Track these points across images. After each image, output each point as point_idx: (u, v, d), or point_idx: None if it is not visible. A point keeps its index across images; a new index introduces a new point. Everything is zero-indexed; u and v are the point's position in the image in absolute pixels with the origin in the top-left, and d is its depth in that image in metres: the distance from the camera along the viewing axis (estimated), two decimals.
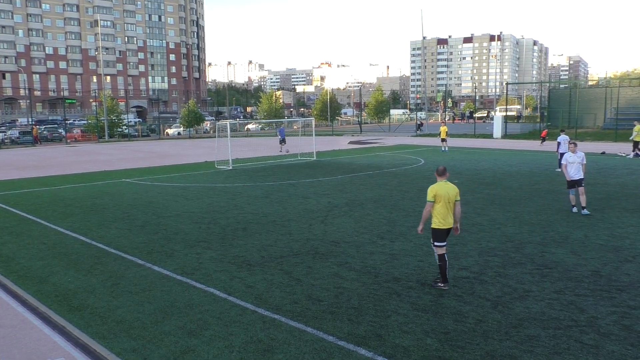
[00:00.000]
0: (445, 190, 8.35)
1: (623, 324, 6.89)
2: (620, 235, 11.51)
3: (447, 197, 8.31)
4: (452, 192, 8.40)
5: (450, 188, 8.42)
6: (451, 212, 8.39)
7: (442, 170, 8.59)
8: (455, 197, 8.42)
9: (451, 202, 8.36)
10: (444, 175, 8.54)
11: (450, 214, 8.37)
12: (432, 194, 8.33)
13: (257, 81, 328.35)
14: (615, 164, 25.00)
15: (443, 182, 8.47)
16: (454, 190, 8.45)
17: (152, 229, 13.05)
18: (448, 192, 8.35)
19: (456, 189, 8.48)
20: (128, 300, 8.18)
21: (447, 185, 8.46)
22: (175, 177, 23.70)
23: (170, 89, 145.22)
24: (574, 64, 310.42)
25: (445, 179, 8.54)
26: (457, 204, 8.43)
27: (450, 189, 8.41)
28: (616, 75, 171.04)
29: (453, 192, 8.40)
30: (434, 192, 8.33)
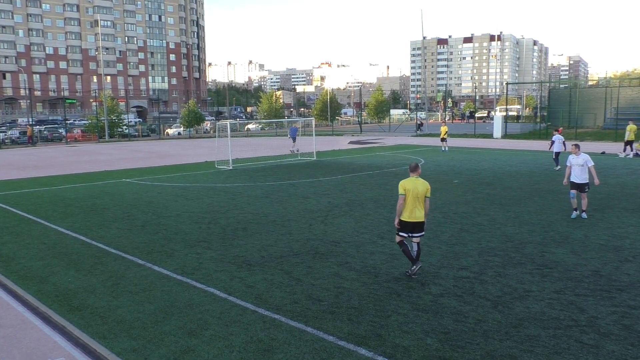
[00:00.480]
0: (414, 185, 8.77)
1: (623, 324, 6.89)
2: (621, 235, 11.51)
3: (416, 192, 8.73)
4: (422, 187, 8.79)
5: (419, 184, 8.81)
6: (420, 207, 8.79)
7: (414, 167, 9.02)
8: (425, 193, 8.82)
9: (420, 198, 8.76)
10: (415, 172, 8.95)
11: (418, 208, 8.77)
12: (402, 188, 8.80)
13: (257, 81, 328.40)
14: (615, 164, 25.00)
15: (414, 178, 8.91)
16: (424, 186, 8.82)
17: (153, 229, 13.05)
18: (417, 187, 8.75)
19: (427, 186, 8.87)
20: (128, 300, 8.18)
21: (418, 181, 8.85)
22: (176, 177, 23.71)
23: (170, 89, 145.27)
24: (574, 63, 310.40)
25: (416, 175, 8.95)
26: (426, 200, 8.86)
27: (419, 184, 8.81)
28: (616, 75, 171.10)
29: (423, 188, 8.79)
30: (404, 186, 8.79)
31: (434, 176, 21.69)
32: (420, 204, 8.77)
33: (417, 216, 8.78)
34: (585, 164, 13.06)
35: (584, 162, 13.08)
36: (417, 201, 8.74)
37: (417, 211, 8.76)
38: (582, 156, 13.15)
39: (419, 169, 9.01)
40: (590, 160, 13.07)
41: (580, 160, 13.14)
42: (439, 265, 9.57)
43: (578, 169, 13.15)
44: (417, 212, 8.77)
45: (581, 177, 13.14)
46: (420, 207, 8.79)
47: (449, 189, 18.21)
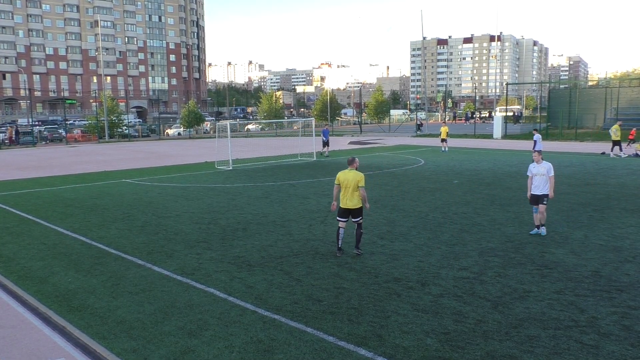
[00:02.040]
0: (345, 177, 10.03)
1: (623, 324, 6.89)
2: (620, 235, 11.51)
3: (347, 183, 9.96)
4: (353, 179, 9.94)
5: (351, 175, 9.99)
6: (353, 196, 9.97)
7: (350, 161, 10.31)
8: (358, 183, 9.93)
9: (349, 188, 9.93)
10: (351, 165, 10.22)
11: (351, 197, 9.97)
12: (337, 179, 10.17)
13: (257, 81, 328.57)
14: (615, 164, 24.99)
15: (347, 170, 10.13)
16: (356, 177, 9.95)
17: (152, 230, 13.05)
18: (348, 178, 9.98)
19: (359, 176, 9.97)
20: (128, 300, 8.18)
21: (351, 173, 10.05)
22: (176, 177, 23.70)
23: (170, 89, 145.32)
24: (573, 64, 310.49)
25: (352, 168, 10.18)
26: (361, 190, 9.96)
27: (351, 176, 9.98)
28: (616, 75, 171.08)
29: (354, 179, 9.94)
30: (338, 177, 10.16)
31: (433, 176, 21.68)
32: (353, 193, 9.97)
33: (349, 204, 10.03)
34: (547, 173, 11.58)
35: (546, 171, 11.59)
36: (348, 191, 9.97)
37: (350, 200, 10.00)
38: (543, 164, 11.69)
39: (355, 162, 10.31)
40: (551, 170, 11.64)
41: (542, 169, 11.64)
42: (439, 265, 9.57)
43: (538, 179, 11.67)
44: (350, 200, 10.01)
45: (540, 188, 11.66)
46: (354, 196, 9.99)
47: (449, 189, 18.21)
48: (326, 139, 32.99)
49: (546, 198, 11.56)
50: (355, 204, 10.05)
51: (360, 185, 9.95)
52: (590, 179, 20.31)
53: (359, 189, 9.97)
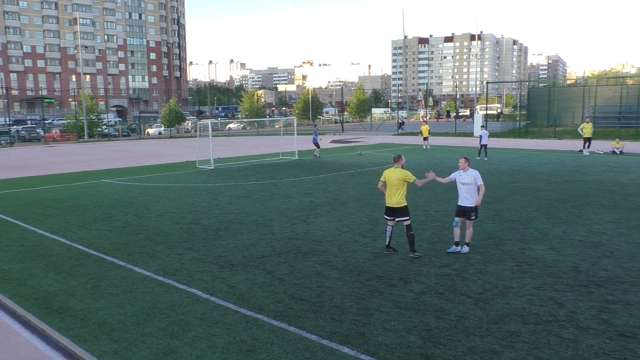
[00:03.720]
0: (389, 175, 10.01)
1: (601, 319, 7.01)
2: (598, 231, 11.70)
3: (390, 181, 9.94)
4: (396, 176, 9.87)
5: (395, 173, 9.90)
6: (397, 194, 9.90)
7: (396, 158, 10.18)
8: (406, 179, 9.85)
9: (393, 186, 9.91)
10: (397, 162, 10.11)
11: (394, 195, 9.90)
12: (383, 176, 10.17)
13: (239, 80, 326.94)
14: (593, 162, 25.39)
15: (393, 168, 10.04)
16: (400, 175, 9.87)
17: (133, 230, 12.92)
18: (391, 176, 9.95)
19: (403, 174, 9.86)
20: (109, 302, 8.10)
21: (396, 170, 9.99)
22: (157, 177, 23.50)
23: (150, 88, 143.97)
24: (552, 63, 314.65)
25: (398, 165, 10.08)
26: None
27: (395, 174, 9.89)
28: (594, 74, 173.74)
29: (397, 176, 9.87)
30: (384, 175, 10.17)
31: (415, 174, 21.77)
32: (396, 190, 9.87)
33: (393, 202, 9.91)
34: (475, 181, 10.11)
35: (474, 179, 10.11)
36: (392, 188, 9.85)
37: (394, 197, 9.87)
38: (470, 172, 10.18)
39: (400, 160, 10.18)
40: (479, 178, 10.12)
41: (468, 177, 10.15)
42: (420, 263, 9.63)
43: (466, 189, 10.18)
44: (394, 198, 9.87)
45: (470, 199, 10.16)
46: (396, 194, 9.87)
47: (430, 187, 18.30)
48: (315, 140, 31.86)
49: (474, 212, 10.15)
50: (399, 202, 9.85)
51: (409, 181, 9.86)
52: (568, 176, 20.61)
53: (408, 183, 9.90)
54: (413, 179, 9.85)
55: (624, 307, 7.37)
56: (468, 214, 10.17)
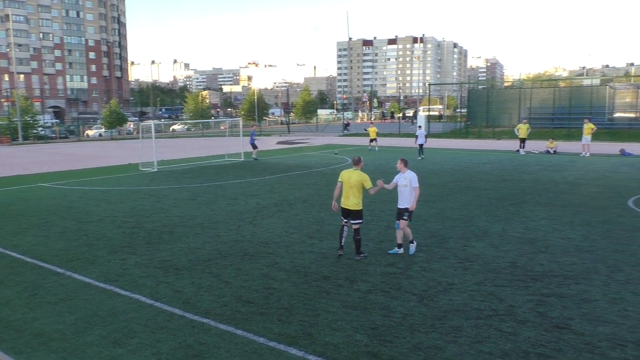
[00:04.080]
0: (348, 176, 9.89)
1: (538, 311, 7.32)
2: (534, 227, 12.21)
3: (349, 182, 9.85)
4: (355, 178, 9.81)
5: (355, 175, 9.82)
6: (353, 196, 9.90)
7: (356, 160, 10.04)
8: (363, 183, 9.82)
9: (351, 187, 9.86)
10: (357, 165, 10.02)
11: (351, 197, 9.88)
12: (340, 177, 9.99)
13: (183, 81, 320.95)
14: (529, 161, 26.46)
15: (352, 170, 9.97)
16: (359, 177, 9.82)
17: (73, 235, 12.46)
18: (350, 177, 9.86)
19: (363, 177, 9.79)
20: (47, 311, 7.78)
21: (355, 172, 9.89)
22: (97, 180, 22.75)
23: (90, 88, 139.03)
24: (491, 66, 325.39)
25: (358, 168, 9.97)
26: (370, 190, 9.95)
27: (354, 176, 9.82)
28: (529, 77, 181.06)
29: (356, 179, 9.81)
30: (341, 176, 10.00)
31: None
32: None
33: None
34: (410, 184, 10.18)
35: (409, 182, 10.18)
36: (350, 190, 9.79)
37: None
38: (407, 174, 10.28)
39: (360, 162, 10.01)
40: (415, 181, 10.18)
41: (405, 179, 10.26)
42: (367, 262, 9.76)
43: (401, 191, 10.29)
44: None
45: (403, 200, 10.26)
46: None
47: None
48: (252, 142, 30.82)
49: (407, 213, 10.16)
50: (355, 205, 9.79)
51: (367, 187, 9.79)
52: (506, 175, 21.40)
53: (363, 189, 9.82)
54: (370, 186, 9.81)
55: (558, 300, 7.73)
56: (401, 215, 10.21)
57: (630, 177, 20.13)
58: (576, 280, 8.58)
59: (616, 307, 7.43)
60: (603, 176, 20.49)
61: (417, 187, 10.11)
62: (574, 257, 9.87)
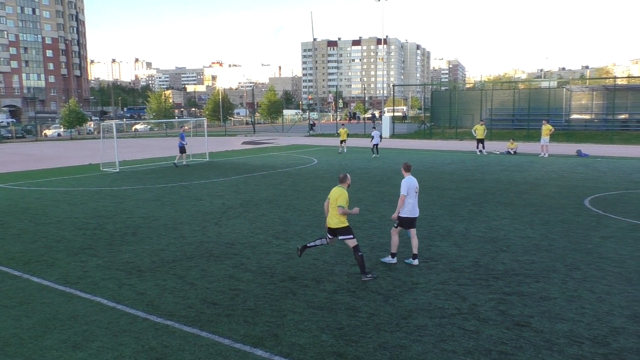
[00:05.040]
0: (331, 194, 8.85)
1: (499, 310, 7.47)
2: (496, 227, 12.47)
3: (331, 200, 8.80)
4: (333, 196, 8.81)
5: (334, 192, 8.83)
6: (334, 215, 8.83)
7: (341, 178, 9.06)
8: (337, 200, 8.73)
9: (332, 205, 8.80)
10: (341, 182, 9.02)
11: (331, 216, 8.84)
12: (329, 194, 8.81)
13: (145, 80, 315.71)
14: (490, 161, 27.01)
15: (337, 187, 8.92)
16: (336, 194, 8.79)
17: (30, 237, 12.09)
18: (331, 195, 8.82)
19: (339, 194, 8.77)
20: (2, 315, 7.52)
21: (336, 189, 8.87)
22: (56, 181, 22.14)
23: (47, 87, 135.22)
24: (453, 67, 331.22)
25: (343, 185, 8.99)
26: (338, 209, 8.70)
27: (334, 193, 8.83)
28: (490, 79, 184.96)
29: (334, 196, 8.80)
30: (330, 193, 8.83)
31: (327, 175, 22.12)
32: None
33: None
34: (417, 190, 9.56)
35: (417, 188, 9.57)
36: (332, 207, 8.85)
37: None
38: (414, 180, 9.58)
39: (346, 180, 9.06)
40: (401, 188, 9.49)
41: (416, 185, 9.56)
42: (333, 262, 9.78)
43: (415, 198, 9.53)
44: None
45: (416, 209, 9.63)
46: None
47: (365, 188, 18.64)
48: (181, 145, 26.57)
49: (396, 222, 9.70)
50: (336, 223, 8.82)
51: (339, 204, 8.69)
52: (469, 175, 21.79)
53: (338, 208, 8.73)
54: (340, 204, 8.68)
55: (519, 298, 7.91)
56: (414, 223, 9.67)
57: (586, 177, 20.77)
58: (536, 278, 8.80)
59: (574, 304, 7.65)
60: (561, 176, 21.09)
61: (401, 195, 9.36)
62: (534, 255, 10.12)
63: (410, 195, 9.40)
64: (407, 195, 9.36)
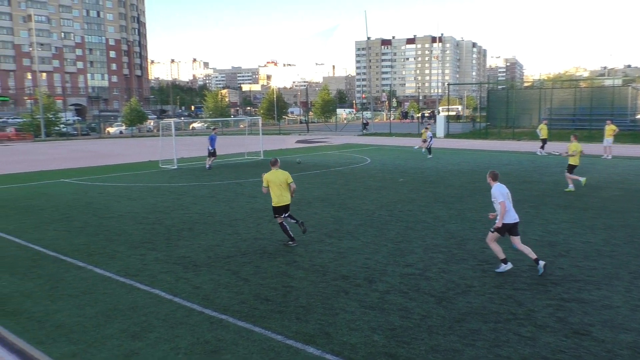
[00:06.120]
0: (275, 177, 10.90)
1: (558, 316, 7.22)
2: (555, 230, 12.05)
3: (278, 182, 10.84)
4: (282, 177, 10.88)
5: (279, 174, 10.91)
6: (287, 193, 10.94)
7: (274, 162, 11.22)
8: (287, 180, 10.88)
9: (281, 186, 10.84)
10: (275, 165, 11.12)
11: (285, 194, 10.88)
12: (265, 180, 11.00)
13: (202, 79, 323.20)
14: (549, 162, 26.13)
15: (274, 171, 11.00)
16: (284, 176, 10.90)
17: (93, 230, 12.63)
18: (278, 177, 10.89)
19: (286, 175, 10.93)
20: (68, 303, 7.90)
21: (278, 172, 10.97)
22: (117, 176, 23.02)
23: (110, 86, 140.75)
24: (510, 65, 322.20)
25: (277, 167, 11.08)
26: (292, 185, 10.93)
27: (279, 175, 10.91)
28: (549, 77, 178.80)
29: (283, 177, 10.88)
30: (266, 178, 10.99)
31: (379, 175, 22.01)
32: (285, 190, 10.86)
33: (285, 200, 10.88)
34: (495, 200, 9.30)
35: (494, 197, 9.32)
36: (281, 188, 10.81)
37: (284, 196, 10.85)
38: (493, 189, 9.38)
39: (278, 162, 11.14)
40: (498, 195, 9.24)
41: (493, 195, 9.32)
42: (385, 262, 9.73)
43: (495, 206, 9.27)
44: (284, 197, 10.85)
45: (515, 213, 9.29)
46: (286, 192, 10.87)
47: (395, 188, 18.53)
48: (212, 148, 25.47)
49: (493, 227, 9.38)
50: (289, 200, 10.98)
51: (290, 182, 10.88)
52: (526, 176, 21.16)
53: (289, 185, 10.88)
54: (291, 181, 10.95)
55: (578, 305, 7.62)
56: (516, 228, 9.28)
57: None
58: (597, 285, 8.45)
59: (638, 314, 7.30)
60: (625, 179, 20.15)
61: (502, 202, 8.99)
62: (595, 261, 9.73)
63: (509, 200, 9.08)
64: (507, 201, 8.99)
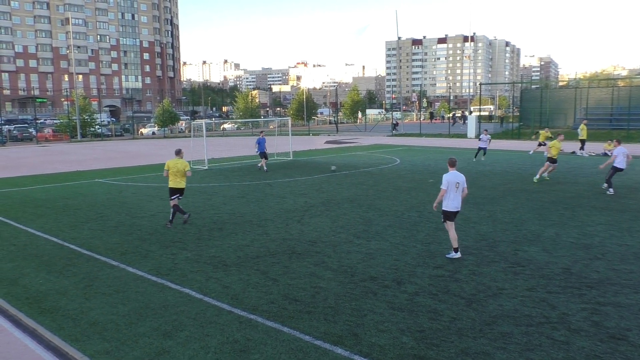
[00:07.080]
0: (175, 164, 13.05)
1: (593, 320, 7.04)
2: (590, 233, 11.76)
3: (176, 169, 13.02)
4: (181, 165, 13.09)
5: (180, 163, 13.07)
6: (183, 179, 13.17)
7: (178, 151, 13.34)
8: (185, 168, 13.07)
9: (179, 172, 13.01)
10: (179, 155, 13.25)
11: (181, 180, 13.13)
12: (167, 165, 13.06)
13: (233, 80, 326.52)
14: (584, 163, 25.54)
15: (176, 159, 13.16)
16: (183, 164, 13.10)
17: (126, 230, 12.88)
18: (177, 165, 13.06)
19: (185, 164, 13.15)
20: (101, 301, 8.06)
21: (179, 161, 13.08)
22: (150, 177, 23.43)
23: (144, 88, 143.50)
24: (544, 64, 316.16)
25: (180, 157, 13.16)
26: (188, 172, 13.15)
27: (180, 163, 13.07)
28: (585, 76, 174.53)
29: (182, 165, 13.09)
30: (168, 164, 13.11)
31: (409, 176, 21.85)
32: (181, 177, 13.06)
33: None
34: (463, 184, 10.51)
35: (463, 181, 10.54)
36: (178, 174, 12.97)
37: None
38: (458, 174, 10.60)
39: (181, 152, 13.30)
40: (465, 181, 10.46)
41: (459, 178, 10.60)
42: (414, 264, 9.65)
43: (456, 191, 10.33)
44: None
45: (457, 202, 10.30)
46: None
47: (425, 188, 18.37)
48: (262, 150, 24.74)
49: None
50: (184, 185, 13.20)
51: (187, 169, 13.08)
52: (560, 177, 20.72)
53: (186, 172, 13.02)
54: (189, 168, 13.20)
55: (615, 309, 7.42)
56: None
57: None
58: (635, 289, 8.21)
59: None
60: None
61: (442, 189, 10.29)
62: (632, 265, 9.45)
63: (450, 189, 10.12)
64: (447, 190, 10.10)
